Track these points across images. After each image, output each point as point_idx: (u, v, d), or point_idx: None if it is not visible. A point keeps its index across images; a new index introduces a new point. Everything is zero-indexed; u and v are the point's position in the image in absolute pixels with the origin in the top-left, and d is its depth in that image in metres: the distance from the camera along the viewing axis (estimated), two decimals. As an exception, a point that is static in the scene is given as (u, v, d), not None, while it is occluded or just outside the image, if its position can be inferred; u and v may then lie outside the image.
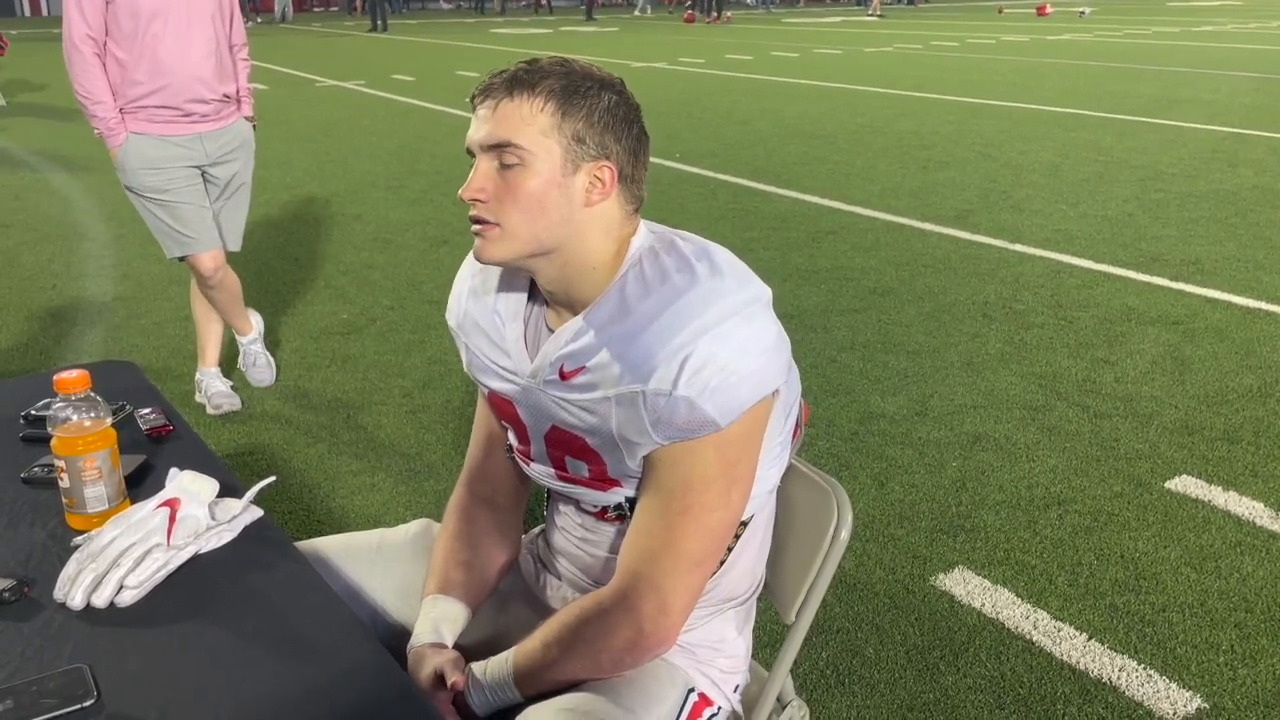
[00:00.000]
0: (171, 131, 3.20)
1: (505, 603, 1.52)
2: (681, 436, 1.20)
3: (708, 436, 1.20)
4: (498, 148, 1.19)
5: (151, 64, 3.10)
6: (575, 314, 1.26)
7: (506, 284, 1.34)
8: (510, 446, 1.44)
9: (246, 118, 3.43)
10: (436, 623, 1.38)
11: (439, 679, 1.32)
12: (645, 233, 1.27)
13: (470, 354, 1.38)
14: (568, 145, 1.19)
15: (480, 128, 1.21)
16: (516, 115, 1.18)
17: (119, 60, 3.10)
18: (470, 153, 1.23)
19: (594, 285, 1.24)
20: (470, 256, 1.40)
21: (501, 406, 1.37)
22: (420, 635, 1.38)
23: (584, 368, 1.22)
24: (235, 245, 3.49)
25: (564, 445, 1.31)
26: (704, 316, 1.17)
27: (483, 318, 1.35)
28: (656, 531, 1.24)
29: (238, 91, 3.38)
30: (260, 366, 3.74)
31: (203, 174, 3.33)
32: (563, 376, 1.25)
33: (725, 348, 1.17)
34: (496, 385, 1.35)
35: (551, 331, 1.29)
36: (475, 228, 1.23)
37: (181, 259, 3.37)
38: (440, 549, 1.46)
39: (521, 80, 1.19)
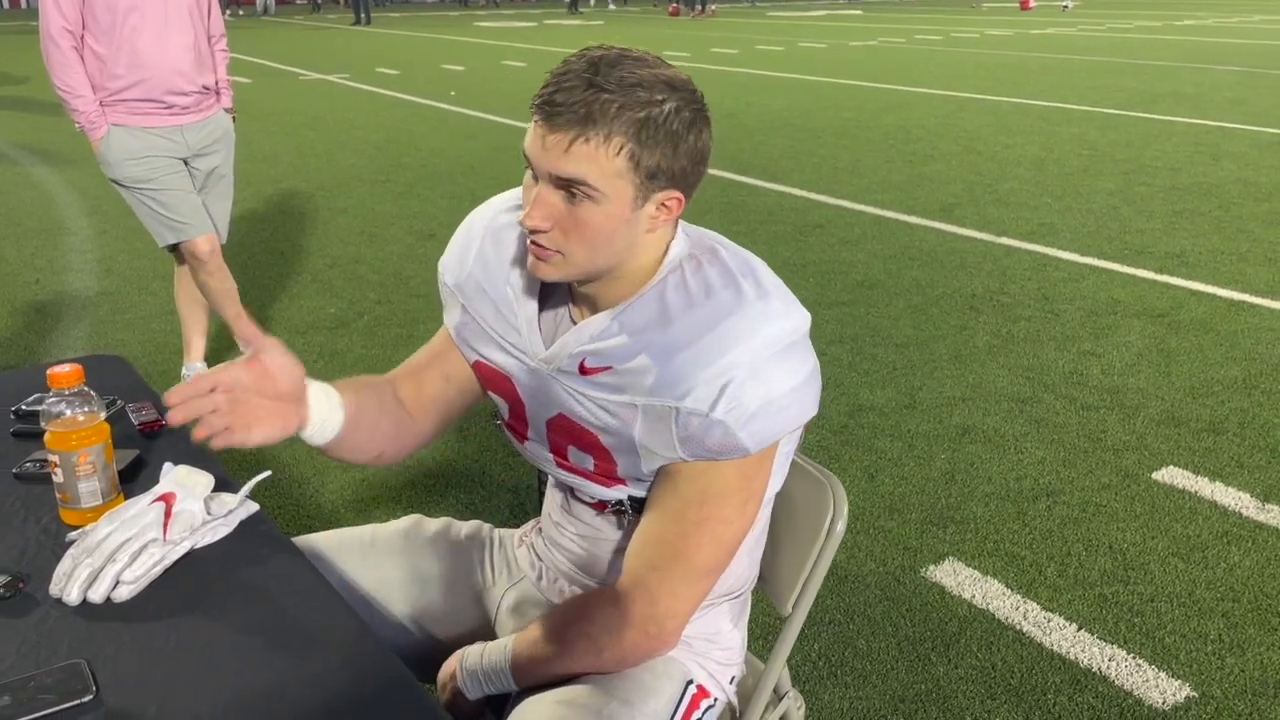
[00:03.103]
0: (152, 123, 3.19)
1: (501, 596, 1.52)
2: (709, 456, 1.19)
3: (734, 459, 1.20)
4: (567, 181, 1.14)
5: (130, 57, 3.09)
6: (601, 309, 1.24)
7: (524, 256, 1.29)
8: (497, 416, 1.42)
9: (226, 109, 3.41)
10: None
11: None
12: (681, 235, 1.24)
13: (466, 317, 1.34)
14: (640, 183, 1.14)
15: (546, 156, 1.13)
16: (591, 156, 1.12)
17: (97, 54, 3.09)
18: (526, 160, 1.17)
19: (628, 286, 1.21)
20: (480, 211, 1.36)
21: (494, 379, 1.35)
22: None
23: (611, 368, 1.20)
24: (223, 237, 3.49)
25: (570, 435, 1.29)
26: (749, 343, 1.15)
27: (492, 287, 1.31)
28: (669, 539, 1.24)
29: (216, 83, 3.36)
30: None
31: (185, 166, 3.32)
32: (583, 371, 1.23)
33: (767, 378, 1.15)
34: (496, 357, 1.32)
35: (574, 322, 1.27)
36: (534, 248, 1.19)
37: (175, 247, 3.36)
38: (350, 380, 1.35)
39: (596, 118, 1.11)
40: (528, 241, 1.20)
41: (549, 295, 1.30)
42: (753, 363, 1.15)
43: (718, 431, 1.16)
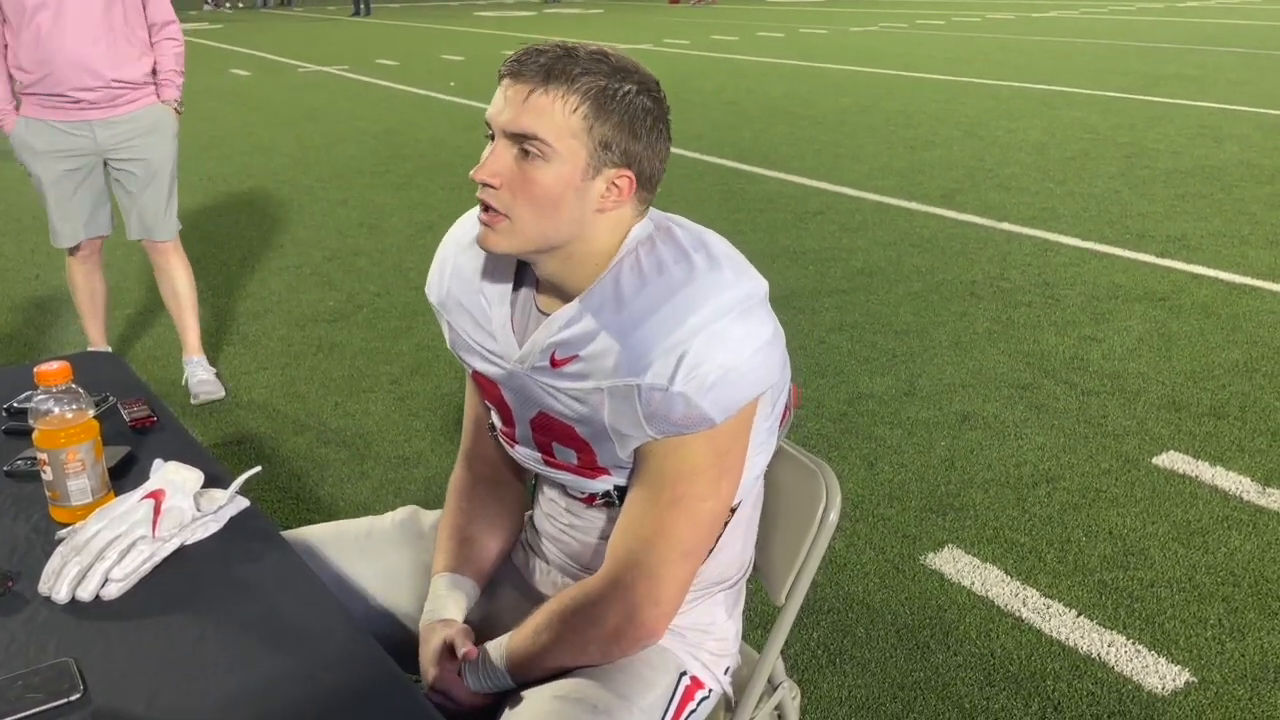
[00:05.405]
0: (61, 118, 3.21)
1: (494, 588, 1.52)
2: (675, 431, 1.19)
3: (701, 431, 1.19)
4: (521, 137, 1.15)
5: (33, 51, 3.11)
6: (567, 300, 1.24)
7: (493, 264, 1.31)
8: (493, 426, 1.43)
9: (169, 102, 3.34)
10: (445, 599, 1.39)
11: (449, 650, 1.33)
12: (646, 221, 1.24)
13: (454, 333, 1.36)
14: (593, 150, 1.15)
15: (506, 110, 1.16)
16: (548, 110, 1.14)
17: (11, 47, 3.14)
18: (489, 127, 1.19)
19: (590, 274, 1.22)
20: (453, 231, 1.38)
21: (486, 387, 1.36)
22: (430, 612, 1.39)
23: (577, 356, 1.21)
24: (162, 235, 3.44)
25: (551, 432, 1.30)
26: (701, 312, 1.15)
27: (467, 298, 1.33)
28: (647, 522, 1.24)
29: (154, 75, 3.31)
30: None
31: (106, 162, 3.32)
32: (554, 364, 1.23)
33: (723, 345, 1.15)
34: (481, 367, 1.34)
35: (545, 315, 1.27)
36: (483, 215, 1.19)
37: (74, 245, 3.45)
38: (445, 527, 1.47)
39: (558, 74, 1.14)
40: (478, 214, 1.21)
41: (519, 296, 1.31)
42: (707, 332, 1.15)
43: (679, 404, 1.16)
